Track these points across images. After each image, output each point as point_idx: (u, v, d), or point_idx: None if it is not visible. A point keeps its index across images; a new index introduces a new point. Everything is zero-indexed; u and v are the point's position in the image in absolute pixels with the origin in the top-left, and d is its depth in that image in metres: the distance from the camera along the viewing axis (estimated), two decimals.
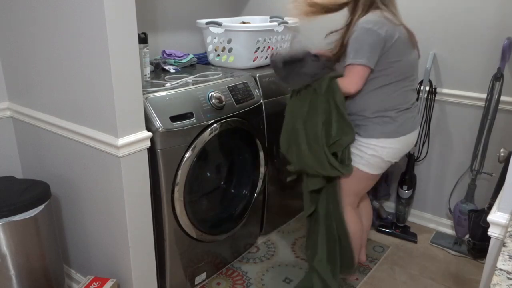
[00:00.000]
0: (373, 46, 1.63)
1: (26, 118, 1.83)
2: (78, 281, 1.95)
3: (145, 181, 1.65)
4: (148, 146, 1.61)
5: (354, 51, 1.65)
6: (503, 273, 0.82)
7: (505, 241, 0.94)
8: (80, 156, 1.67)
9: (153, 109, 1.65)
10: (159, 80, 1.93)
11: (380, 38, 1.62)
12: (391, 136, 1.74)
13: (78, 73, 1.54)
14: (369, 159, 1.77)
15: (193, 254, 1.96)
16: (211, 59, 2.36)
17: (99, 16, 1.36)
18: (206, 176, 2.02)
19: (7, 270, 1.58)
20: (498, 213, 1.17)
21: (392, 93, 1.72)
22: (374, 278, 2.15)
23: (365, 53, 1.63)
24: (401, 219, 2.53)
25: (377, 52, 1.64)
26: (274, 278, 2.14)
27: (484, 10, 2.12)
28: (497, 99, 2.12)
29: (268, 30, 2.26)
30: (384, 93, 1.72)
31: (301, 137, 1.78)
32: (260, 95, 2.13)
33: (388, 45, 1.64)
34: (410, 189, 2.46)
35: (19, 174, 1.99)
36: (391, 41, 1.64)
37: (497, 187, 2.01)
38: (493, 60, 2.14)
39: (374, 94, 1.72)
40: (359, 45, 1.64)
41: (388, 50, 1.65)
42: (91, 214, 1.75)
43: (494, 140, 2.21)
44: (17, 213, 1.55)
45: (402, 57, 1.69)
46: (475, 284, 2.11)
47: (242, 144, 2.08)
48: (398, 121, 1.74)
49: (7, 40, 1.77)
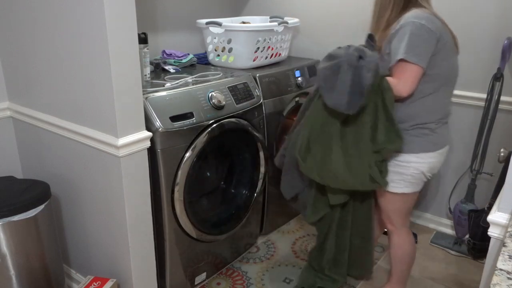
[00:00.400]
0: (426, 45, 1.43)
1: (26, 118, 1.83)
2: (78, 281, 1.95)
3: (145, 181, 1.65)
4: (148, 146, 1.61)
5: (406, 46, 1.42)
6: (503, 273, 0.82)
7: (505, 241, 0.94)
8: (80, 156, 1.67)
9: (153, 109, 1.65)
10: (159, 80, 1.93)
11: (433, 36, 1.43)
12: (432, 149, 1.57)
13: (78, 73, 1.54)
14: (411, 179, 1.60)
15: (193, 254, 1.96)
16: (211, 59, 2.36)
17: (99, 16, 1.36)
18: (206, 176, 2.02)
19: (7, 270, 1.58)
20: (498, 213, 1.17)
21: (436, 103, 1.54)
22: (374, 278, 2.15)
23: (419, 51, 1.42)
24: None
25: (430, 52, 1.44)
26: (274, 278, 2.14)
27: (484, 10, 2.12)
28: (497, 99, 2.12)
29: (268, 30, 2.26)
30: (430, 102, 1.52)
31: (335, 142, 1.53)
32: (260, 95, 2.13)
33: (440, 45, 1.46)
34: None
35: (19, 174, 1.99)
36: (442, 41, 1.46)
37: (497, 187, 2.01)
38: (493, 60, 2.14)
39: (421, 103, 1.52)
40: (411, 41, 1.42)
41: (438, 51, 1.46)
42: (91, 214, 1.75)
43: (494, 140, 2.21)
44: (17, 213, 1.55)
45: (449, 60, 1.52)
46: (475, 284, 2.11)
47: (242, 144, 2.08)
48: (437, 133, 1.57)
49: (7, 40, 1.77)
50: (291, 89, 2.34)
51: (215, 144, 1.92)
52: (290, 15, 2.67)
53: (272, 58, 2.40)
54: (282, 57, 2.50)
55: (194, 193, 1.88)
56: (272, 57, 2.40)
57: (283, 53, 2.50)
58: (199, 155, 1.79)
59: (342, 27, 2.59)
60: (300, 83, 2.39)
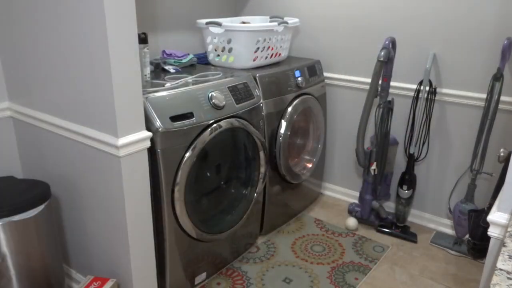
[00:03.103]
0: None
1: (26, 118, 1.83)
2: (78, 281, 1.95)
3: (145, 181, 1.65)
4: (148, 146, 1.61)
5: None
6: (503, 273, 0.82)
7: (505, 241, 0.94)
8: (80, 156, 1.67)
9: (153, 109, 1.65)
10: (159, 80, 1.93)
11: None
12: None
13: (78, 73, 1.54)
14: None
15: (193, 254, 1.96)
16: (211, 59, 2.36)
17: (99, 16, 1.37)
18: (206, 176, 2.02)
19: (7, 270, 1.58)
20: (498, 213, 1.18)
21: None
22: (374, 278, 2.15)
23: None
24: (401, 219, 2.53)
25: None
26: (274, 278, 2.14)
27: (484, 10, 2.12)
28: (497, 99, 2.12)
29: (268, 30, 2.26)
30: None
31: None
32: (260, 95, 2.13)
33: None
34: (410, 189, 2.46)
35: (19, 174, 1.99)
36: None
37: (497, 187, 2.01)
38: (493, 60, 2.14)
39: None
40: None
41: None
42: (91, 214, 1.75)
43: (494, 140, 2.21)
44: (17, 213, 1.55)
45: None
46: (475, 284, 2.11)
47: (242, 144, 2.08)
48: None
49: (7, 41, 1.77)
50: (291, 89, 2.34)
51: (215, 144, 1.92)
52: (290, 15, 2.67)
53: (272, 58, 2.40)
54: (282, 57, 2.50)
55: (194, 193, 1.88)
56: (272, 57, 2.40)
57: (283, 53, 2.50)
58: (199, 155, 1.80)
59: (342, 27, 2.59)
60: (300, 83, 2.39)
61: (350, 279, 2.14)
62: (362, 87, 2.62)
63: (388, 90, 2.39)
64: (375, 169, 2.46)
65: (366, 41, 2.53)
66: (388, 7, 2.41)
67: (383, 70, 2.34)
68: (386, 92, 2.39)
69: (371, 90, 2.30)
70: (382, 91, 2.39)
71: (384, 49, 2.23)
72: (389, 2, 2.40)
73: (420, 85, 2.36)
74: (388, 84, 2.37)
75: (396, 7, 2.38)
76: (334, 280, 2.13)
